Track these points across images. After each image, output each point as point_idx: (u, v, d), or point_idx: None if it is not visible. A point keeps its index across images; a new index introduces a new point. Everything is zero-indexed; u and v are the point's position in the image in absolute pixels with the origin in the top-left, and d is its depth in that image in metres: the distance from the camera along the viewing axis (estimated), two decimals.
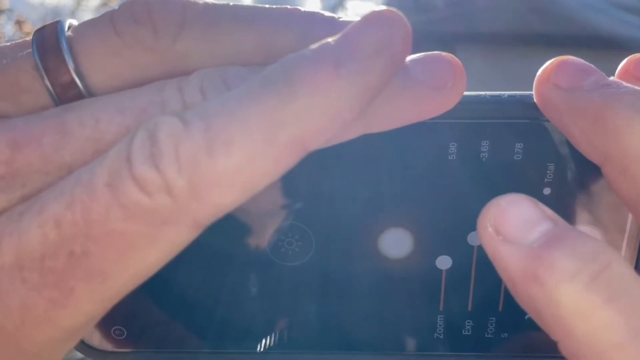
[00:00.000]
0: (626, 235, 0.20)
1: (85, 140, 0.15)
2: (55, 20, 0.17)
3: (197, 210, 0.14)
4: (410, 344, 0.22)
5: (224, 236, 0.21)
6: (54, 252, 0.14)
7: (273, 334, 0.22)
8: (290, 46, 0.16)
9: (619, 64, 0.19)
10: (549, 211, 0.16)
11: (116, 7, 0.17)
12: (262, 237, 0.21)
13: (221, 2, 0.17)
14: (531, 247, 0.15)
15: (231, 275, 0.21)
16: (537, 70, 0.19)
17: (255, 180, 0.14)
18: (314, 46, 0.14)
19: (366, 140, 0.18)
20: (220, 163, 0.13)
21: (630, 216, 0.20)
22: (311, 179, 0.20)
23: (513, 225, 0.16)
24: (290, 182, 0.20)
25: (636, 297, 0.14)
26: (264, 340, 0.22)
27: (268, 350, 0.22)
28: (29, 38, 0.17)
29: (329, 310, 0.22)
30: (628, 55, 0.19)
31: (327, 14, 0.18)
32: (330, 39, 0.14)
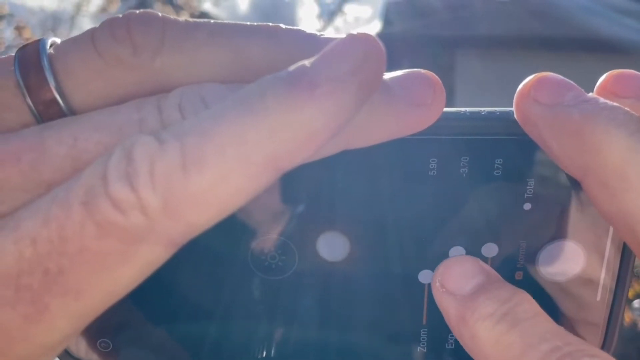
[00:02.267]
0: (607, 248, 0.20)
1: (64, 158, 0.15)
2: (38, 38, 0.17)
3: (171, 229, 0.13)
4: (394, 357, 0.22)
5: (208, 249, 0.21)
6: (29, 269, 0.14)
7: (259, 348, 0.22)
8: (272, 64, 0.17)
9: (618, 66, 0.19)
10: (485, 267, 0.19)
11: (101, 23, 0.17)
12: (246, 251, 0.21)
13: (201, 20, 0.17)
14: (463, 297, 0.18)
15: (216, 289, 0.21)
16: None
17: (229, 199, 0.14)
18: (290, 68, 0.14)
19: (347, 156, 0.18)
20: (194, 182, 0.13)
21: (611, 229, 0.20)
22: (292, 194, 0.20)
23: (453, 281, 0.19)
24: (271, 196, 0.20)
25: (536, 325, 0.17)
26: (250, 354, 0.22)
27: None
28: (14, 54, 0.17)
29: (312, 325, 0.22)
30: (627, 58, 0.19)
31: (309, 31, 0.17)
32: (306, 61, 0.14)
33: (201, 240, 0.19)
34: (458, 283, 0.19)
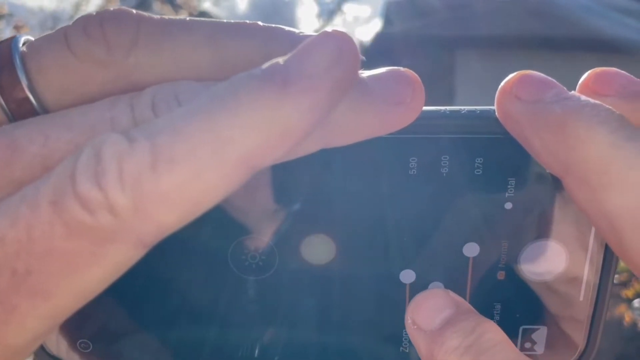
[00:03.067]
0: (589, 247, 0.20)
1: (34, 157, 0.15)
2: (14, 36, 0.17)
3: (141, 228, 0.13)
4: (376, 358, 0.22)
5: (188, 249, 0.21)
6: None
7: (240, 348, 0.22)
8: (249, 61, 0.16)
9: (618, 66, 0.19)
10: (455, 298, 0.20)
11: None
12: (225, 251, 0.21)
13: (177, 17, 0.17)
14: (432, 332, 0.19)
15: (195, 289, 0.21)
16: None
17: (201, 198, 0.13)
18: (264, 65, 0.14)
19: (325, 154, 0.17)
20: (164, 181, 0.13)
21: (593, 228, 0.20)
22: (270, 193, 0.20)
23: (423, 316, 0.20)
24: (249, 196, 0.20)
25: (497, 354, 0.18)
26: (230, 353, 0.22)
27: None
28: None
29: (295, 326, 0.22)
30: (627, 58, 0.19)
31: (287, 28, 0.17)
32: (280, 59, 0.14)
33: (180, 239, 0.19)
34: (427, 318, 0.19)
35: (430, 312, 0.20)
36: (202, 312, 0.21)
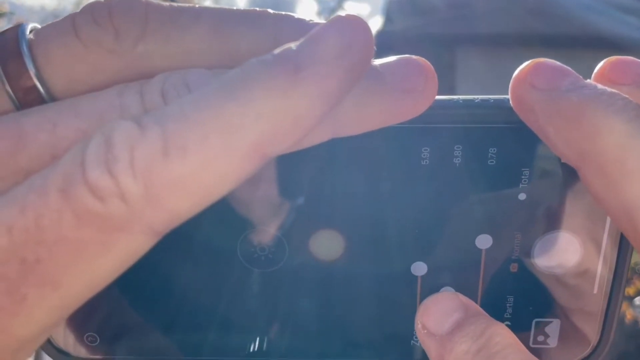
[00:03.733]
0: (604, 239, 0.20)
1: (42, 145, 0.15)
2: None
3: (152, 216, 0.13)
4: (387, 351, 0.22)
5: (197, 241, 0.20)
6: (5, 258, 0.13)
7: (248, 341, 0.22)
8: (259, 49, 0.16)
9: None
10: (464, 301, 0.20)
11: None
12: (235, 243, 0.21)
13: (186, 5, 0.17)
14: (441, 337, 0.19)
15: (204, 281, 0.21)
16: None
17: (212, 187, 0.13)
18: (276, 51, 0.14)
19: (336, 144, 0.17)
20: (176, 168, 0.13)
21: (608, 219, 0.20)
22: (279, 184, 0.20)
23: (432, 321, 0.20)
24: (259, 186, 0.20)
25: (507, 357, 0.18)
26: (239, 347, 0.22)
27: (243, 357, 0.22)
28: None
29: (303, 319, 0.22)
30: (627, 56, 0.18)
31: (297, 16, 0.17)
32: (292, 44, 0.14)
33: (188, 231, 0.19)
34: (437, 323, 0.19)
35: (439, 316, 0.20)
36: (210, 305, 0.21)
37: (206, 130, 0.13)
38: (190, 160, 0.13)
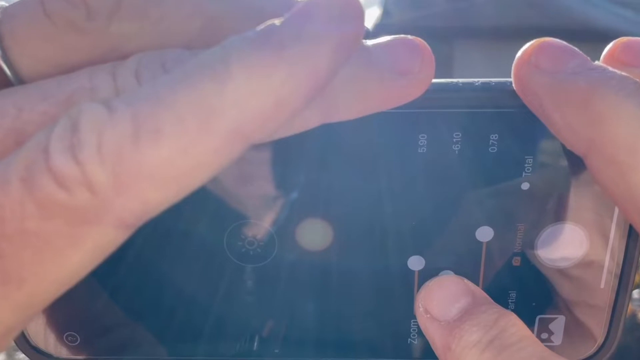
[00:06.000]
0: (612, 231, 0.19)
1: (6, 131, 0.14)
2: None
3: (123, 208, 0.12)
4: (383, 349, 0.21)
5: (180, 235, 0.19)
6: None
7: (235, 339, 0.21)
8: (242, 27, 0.15)
9: None
10: (471, 286, 0.19)
11: None
12: (221, 237, 0.19)
13: None
14: (448, 323, 0.18)
15: (188, 277, 0.20)
16: None
17: (189, 174, 0.12)
18: (259, 27, 0.13)
19: (326, 131, 0.16)
20: (148, 154, 0.12)
21: (616, 210, 0.19)
22: (267, 174, 0.19)
23: (437, 305, 0.18)
24: (245, 177, 0.19)
25: (521, 350, 0.17)
26: (226, 345, 0.21)
27: (229, 356, 0.21)
28: None
29: (297, 315, 0.21)
30: None
31: None
32: (276, 20, 0.13)
33: (171, 224, 0.18)
34: (442, 308, 0.18)
35: (445, 300, 0.18)
36: (194, 302, 0.20)
37: (181, 113, 0.12)
38: (164, 145, 0.12)
